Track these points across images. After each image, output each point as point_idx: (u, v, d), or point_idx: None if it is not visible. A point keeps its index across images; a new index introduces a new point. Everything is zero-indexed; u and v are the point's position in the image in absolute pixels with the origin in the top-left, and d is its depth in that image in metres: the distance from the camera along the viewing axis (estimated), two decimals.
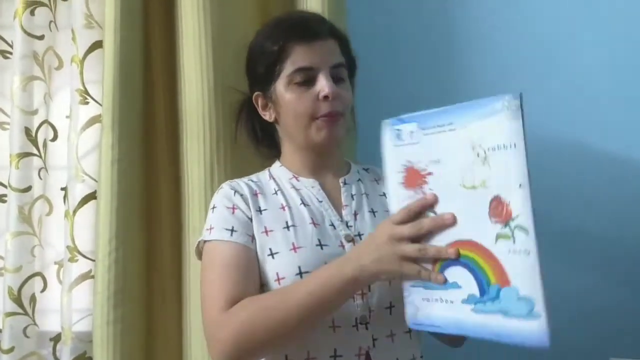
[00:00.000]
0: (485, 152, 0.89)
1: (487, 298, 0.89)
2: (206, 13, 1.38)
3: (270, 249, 1.11)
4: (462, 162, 0.92)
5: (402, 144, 0.99)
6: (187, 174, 1.40)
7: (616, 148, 1.45)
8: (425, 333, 1.06)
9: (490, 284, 0.89)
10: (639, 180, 1.45)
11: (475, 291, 0.90)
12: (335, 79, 1.15)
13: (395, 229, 0.96)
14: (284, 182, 1.21)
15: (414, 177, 0.98)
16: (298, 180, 1.20)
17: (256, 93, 1.22)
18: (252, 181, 1.22)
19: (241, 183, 1.20)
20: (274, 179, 1.22)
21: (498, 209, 0.88)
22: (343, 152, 1.26)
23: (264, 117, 1.22)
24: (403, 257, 0.95)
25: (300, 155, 1.21)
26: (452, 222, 0.93)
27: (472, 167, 0.91)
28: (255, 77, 1.21)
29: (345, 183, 1.19)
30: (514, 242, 0.87)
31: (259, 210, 1.15)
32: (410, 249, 0.95)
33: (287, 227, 1.12)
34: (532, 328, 0.84)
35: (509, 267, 0.87)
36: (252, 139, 1.31)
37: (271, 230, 1.12)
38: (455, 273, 0.92)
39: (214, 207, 1.16)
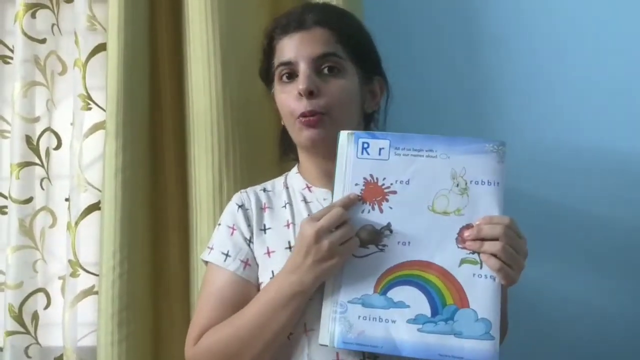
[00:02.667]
0: (466, 184, 0.97)
1: (439, 318, 0.94)
2: (214, 15, 1.32)
3: (272, 272, 1.04)
4: (436, 187, 0.98)
5: (367, 157, 1.00)
6: (194, 183, 1.33)
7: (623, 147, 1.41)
8: None
9: (445, 305, 0.94)
10: None
11: (426, 311, 0.94)
12: (328, 71, 1.07)
13: (317, 225, 0.95)
14: (296, 193, 1.13)
15: (373, 192, 0.99)
16: (310, 191, 1.12)
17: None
18: (265, 191, 1.15)
19: (251, 195, 1.13)
20: (287, 188, 1.14)
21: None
22: None
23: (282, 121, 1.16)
24: (335, 247, 0.94)
25: (311, 160, 1.13)
26: (356, 199, 0.97)
27: (448, 194, 0.97)
28: (263, 80, 1.19)
29: None
30: (481, 267, 0.95)
31: (263, 229, 1.09)
32: (338, 234, 0.95)
33: (289, 247, 1.05)
34: (487, 347, 0.92)
35: (471, 290, 0.94)
36: (278, 144, 1.24)
37: (273, 251, 1.06)
38: (403, 293, 0.96)
39: (219, 224, 1.12)
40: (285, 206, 1.11)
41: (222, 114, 1.30)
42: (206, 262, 1.12)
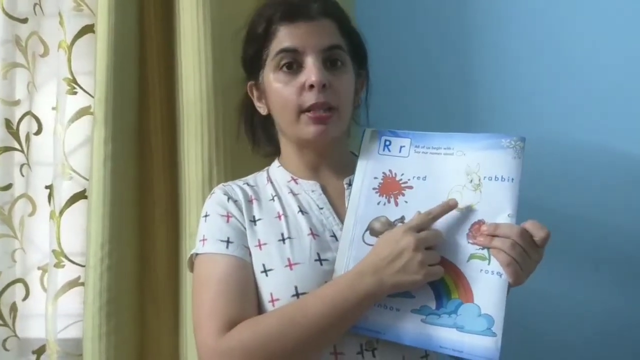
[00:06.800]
0: (480, 180, 0.98)
1: (443, 311, 0.94)
2: (205, 0, 1.27)
3: (263, 265, 1.00)
4: (451, 184, 1.00)
5: (387, 154, 1.05)
6: (184, 173, 1.29)
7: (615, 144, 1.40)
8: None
9: (450, 299, 0.94)
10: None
11: (431, 303, 0.95)
12: (330, 64, 1.04)
13: (420, 236, 0.94)
14: (281, 186, 1.10)
15: (390, 186, 1.03)
16: (297, 184, 1.10)
17: (250, 83, 1.12)
18: (248, 185, 1.11)
19: (235, 188, 1.09)
20: (271, 182, 1.11)
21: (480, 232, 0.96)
22: (349, 146, 1.16)
23: (259, 109, 1.13)
24: (425, 265, 0.93)
25: (297, 153, 1.10)
26: (455, 204, 0.97)
27: (462, 190, 0.99)
28: (245, 65, 1.13)
29: (349, 184, 1.08)
30: (489, 263, 0.94)
31: (253, 221, 1.05)
32: (434, 255, 0.95)
33: (283, 239, 1.02)
34: (487, 344, 0.91)
35: (477, 285, 0.94)
36: (250, 135, 1.20)
37: (265, 244, 1.02)
38: None
39: (206, 215, 1.06)
40: (273, 199, 1.09)
41: (212, 103, 1.26)
42: (194, 259, 1.06)
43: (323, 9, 1.07)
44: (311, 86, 1.02)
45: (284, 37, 1.05)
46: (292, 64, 1.04)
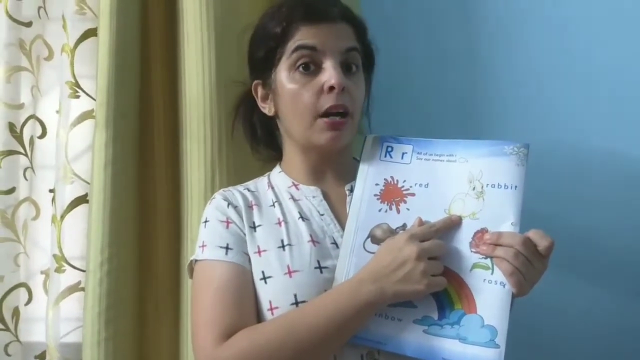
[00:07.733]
0: (482, 187, 0.97)
1: (445, 322, 0.92)
2: (209, 1, 1.26)
3: (262, 272, 0.99)
4: (454, 191, 0.98)
5: (389, 160, 1.04)
6: (186, 177, 1.28)
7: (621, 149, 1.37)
8: None
9: (453, 310, 0.92)
10: None
11: (434, 314, 0.93)
12: (346, 69, 1.03)
13: (423, 246, 0.92)
14: (282, 192, 1.09)
15: (392, 193, 1.01)
16: (298, 189, 1.08)
17: (255, 81, 1.10)
18: (249, 190, 1.10)
19: (236, 193, 1.08)
20: (272, 188, 1.10)
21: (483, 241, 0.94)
22: (352, 152, 1.14)
23: (262, 109, 1.11)
24: (428, 274, 0.91)
25: (301, 157, 1.09)
26: (459, 221, 0.96)
27: (465, 198, 0.97)
28: (254, 63, 1.11)
29: (351, 191, 1.06)
30: (492, 272, 0.92)
31: (253, 227, 1.04)
32: (437, 265, 0.93)
33: (282, 246, 1.00)
34: (490, 355, 0.89)
35: (479, 295, 0.92)
36: (249, 137, 1.19)
37: (264, 250, 1.01)
38: None
39: (206, 221, 1.05)
40: (273, 205, 1.07)
41: (215, 104, 1.25)
42: (193, 265, 1.05)
43: (343, 13, 1.07)
44: (331, 88, 1.01)
45: (304, 35, 1.03)
46: (309, 64, 1.03)
